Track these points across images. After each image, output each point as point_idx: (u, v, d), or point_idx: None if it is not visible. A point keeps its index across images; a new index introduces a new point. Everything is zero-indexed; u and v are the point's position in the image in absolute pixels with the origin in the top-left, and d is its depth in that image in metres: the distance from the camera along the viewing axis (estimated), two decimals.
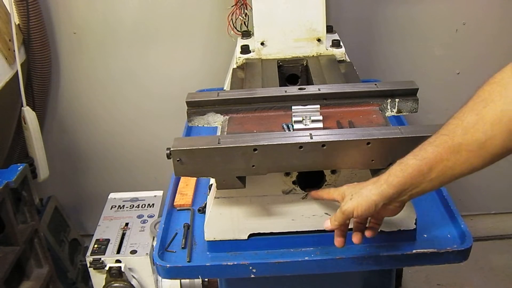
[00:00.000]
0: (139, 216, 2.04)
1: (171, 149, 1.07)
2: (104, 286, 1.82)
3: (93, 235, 1.96)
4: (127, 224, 2.00)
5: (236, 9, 1.92)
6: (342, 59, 1.67)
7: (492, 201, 2.75)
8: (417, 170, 0.96)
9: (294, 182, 1.19)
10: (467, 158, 0.93)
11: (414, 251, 1.21)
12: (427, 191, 0.99)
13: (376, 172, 1.11)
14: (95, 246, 1.89)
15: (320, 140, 1.06)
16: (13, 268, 1.65)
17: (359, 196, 1.01)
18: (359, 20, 2.29)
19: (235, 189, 1.12)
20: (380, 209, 1.02)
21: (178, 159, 1.07)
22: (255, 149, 1.06)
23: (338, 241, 1.10)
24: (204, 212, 1.39)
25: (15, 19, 2.11)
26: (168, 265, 1.23)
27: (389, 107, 1.28)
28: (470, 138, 0.92)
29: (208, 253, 1.27)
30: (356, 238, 1.10)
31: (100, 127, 2.51)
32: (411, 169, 0.97)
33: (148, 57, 2.34)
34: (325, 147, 1.06)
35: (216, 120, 1.29)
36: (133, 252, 1.85)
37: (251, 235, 1.25)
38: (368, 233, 1.11)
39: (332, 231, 1.10)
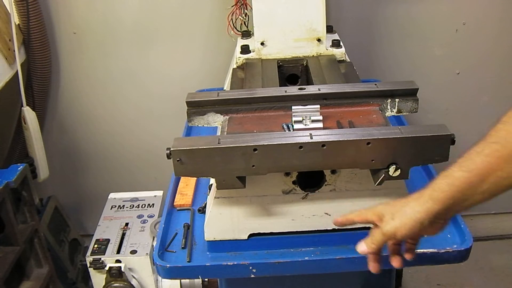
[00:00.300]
0: (139, 216, 2.04)
1: (171, 149, 1.07)
2: (104, 286, 1.82)
3: (93, 235, 1.96)
4: (127, 224, 2.00)
5: (236, 9, 1.92)
6: (342, 59, 1.67)
7: (492, 201, 2.74)
8: (466, 182, 0.89)
9: (294, 182, 1.19)
10: None
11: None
12: (477, 204, 0.92)
13: (376, 172, 1.11)
14: (95, 246, 1.89)
15: (320, 140, 1.06)
16: (13, 268, 1.65)
17: (402, 215, 0.93)
18: (359, 20, 2.29)
19: (235, 189, 1.12)
20: (423, 230, 0.94)
21: (178, 159, 1.07)
22: (255, 149, 1.06)
23: (374, 266, 1.02)
24: (204, 212, 1.39)
25: (15, 19, 2.11)
26: (168, 265, 1.23)
27: (389, 107, 1.28)
28: None
29: (208, 253, 1.27)
30: (396, 262, 1.02)
31: (100, 127, 2.51)
32: (458, 182, 0.89)
33: (148, 57, 2.34)
34: (325, 147, 1.06)
35: (216, 120, 1.29)
36: (133, 252, 1.85)
37: (251, 235, 1.25)
38: (408, 256, 1.04)
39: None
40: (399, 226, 0.93)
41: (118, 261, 1.83)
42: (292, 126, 1.17)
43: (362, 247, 0.99)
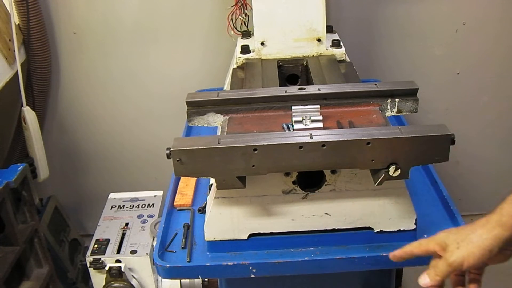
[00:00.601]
0: (139, 216, 2.04)
1: (171, 149, 1.07)
2: (104, 286, 1.82)
3: (93, 235, 1.96)
4: (127, 224, 2.00)
5: (236, 9, 1.92)
6: (342, 59, 1.67)
7: (492, 201, 2.74)
8: None
9: (294, 182, 1.19)
10: None
11: None
12: None
13: (376, 172, 1.11)
14: (95, 246, 1.89)
15: (320, 140, 1.06)
16: (13, 268, 1.65)
17: (468, 243, 0.87)
18: (359, 20, 2.29)
19: (235, 189, 1.12)
20: (492, 259, 0.89)
21: (178, 159, 1.07)
22: (255, 149, 1.06)
23: None
24: (204, 212, 1.39)
25: (15, 19, 2.11)
26: (168, 265, 1.23)
27: (389, 107, 1.28)
28: None
29: (208, 253, 1.27)
30: None
31: (100, 127, 2.51)
32: None
33: (148, 57, 2.34)
34: (325, 147, 1.06)
35: (216, 120, 1.29)
36: (133, 252, 1.85)
37: (251, 235, 1.25)
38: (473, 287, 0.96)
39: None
40: (466, 256, 0.87)
41: (118, 261, 1.83)
42: (292, 126, 1.17)
43: (425, 280, 0.92)
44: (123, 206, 2.11)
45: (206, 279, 1.82)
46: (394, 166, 1.07)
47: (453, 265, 0.88)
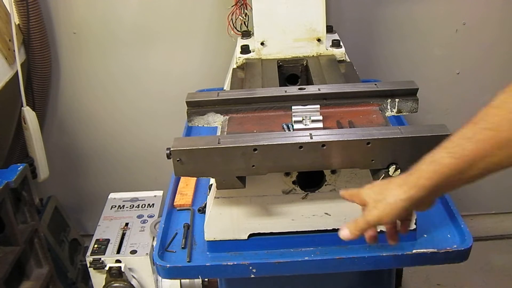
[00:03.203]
0: (139, 216, 2.04)
1: (171, 149, 1.07)
2: (104, 286, 1.82)
3: (93, 235, 1.96)
4: (127, 224, 2.00)
5: (236, 9, 1.92)
6: (342, 59, 1.67)
7: (492, 201, 2.75)
8: (455, 169, 0.86)
9: (294, 182, 1.19)
10: None
11: (414, 251, 1.21)
12: (463, 185, 0.90)
13: (376, 172, 1.11)
14: (95, 246, 1.89)
15: (320, 140, 1.06)
16: (13, 268, 1.65)
17: (385, 204, 0.91)
18: (359, 20, 2.29)
19: (235, 189, 1.12)
20: (408, 212, 0.93)
21: (178, 159, 1.07)
22: (255, 149, 1.06)
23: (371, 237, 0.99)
24: (204, 212, 1.39)
25: (15, 19, 2.11)
26: (168, 265, 1.23)
27: (389, 107, 1.28)
28: None
29: (208, 253, 1.27)
30: (393, 240, 1.02)
31: (100, 127, 2.51)
32: (447, 169, 0.86)
33: (148, 57, 2.34)
34: (325, 147, 1.06)
35: (216, 120, 1.29)
36: (133, 252, 1.85)
37: (251, 235, 1.25)
38: (403, 230, 1.03)
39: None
40: (382, 215, 0.92)
41: (118, 261, 1.83)
42: (292, 126, 1.17)
43: (345, 233, 0.97)
44: (123, 206, 2.11)
45: (206, 279, 1.82)
46: (394, 166, 1.07)
47: (370, 223, 0.94)
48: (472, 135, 0.86)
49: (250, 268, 1.21)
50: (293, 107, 1.20)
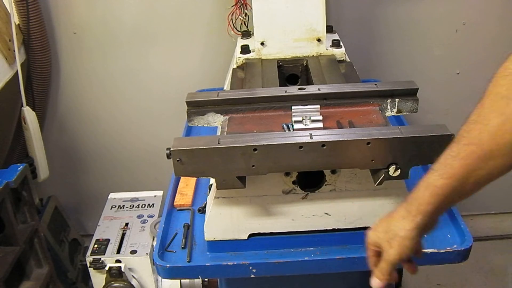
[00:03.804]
0: (139, 216, 2.04)
1: (171, 149, 1.07)
2: (104, 286, 1.82)
3: (93, 235, 1.96)
4: (127, 224, 2.00)
5: (236, 9, 1.92)
6: (342, 59, 1.67)
7: (492, 201, 2.75)
8: (450, 189, 0.88)
9: (294, 182, 1.19)
10: (503, 162, 0.85)
11: None
12: (463, 199, 0.92)
13: (376, 172, 1.11)
14: (95, 246, 1.89)
15: (320, 140, 1.06)
16: (13, 268, 1.65)
17: (398, 239, 0.93)
18: (359, 20, 2.29)
19: (235, 189, 1.12)
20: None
21: (178, 159, 1.07)
22: (255, 149, 1.06)
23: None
24: (204, 212, 1.39)
25: (15, 19, 2.11)
26: (168, 265, 1.23)
27: (389, 107, 1.28)
28: (501, 141, 0.83)
29: (208, 253, 1.27)
30: (413, 271, 1.02)
31: (100, 127, 2.51)
32: (441, 190, 0.89)
33: (148, 57, 2.34)
34: (325, 147, 1.06)
35: (216, 120, 1.29)
36: (133, 252, 1.85)
37: (251, 235, 1.25)
38: (418, 256, 1.03)
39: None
40: (401, 251, 0.93)
41: (118, 261, 1.83)
42: (292, 126, 1.17)
43: (377, 283, 0.98)
44: (123, 206, 2.11)
45: (206, 279, 1.82)
46: (394, 166, 1.07)
47: (393, 262, 0.95)
48: (457, 153, 0.87)
49: (250, 268, 1.21)
50: (293, 107, 1.20)
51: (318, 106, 1.20)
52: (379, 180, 1.10)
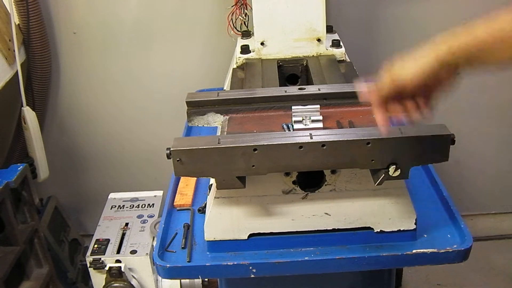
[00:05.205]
0: (139, 216, 2.04)
1: (171, 149, 1.07)
2: (104, 286, 1.82)
3: (93, 235, 1.96)
4: (127, 224, 2.00)
5: (236, 9, 1.92)
6: (342, 59, 1.67)
7: (492, 201, 2.75)
8: (488, 37, 0.86)
9: (294, 182, 1.19)
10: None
11: (414, 251, 1.21)
12: (487, 66, 0.88)
13: (376, 172, 1.11)
14: (95, 246, 1.89)
15: (320, 140, 1.06)
16: (13, 268, 1.65)
17: (412, 61, 0.89)
18: (359, 20, 2.29)
19: (235, 189, 1.12)
20: (434, 80, 0.89)
21: (178, 159, 1.07)
22: (255, 149, 1.06)
23: (382, 120, 0.94)
24: (204, 212, 1.39)
25: (15, 19, 2.11)
26: (168, 265, 1.23)
27: None
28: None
29: (208, 253, 1.27)
30: (416, 114, 0.96)
31: (100, 127, 2.51)
32: (480, 34, 0.87)
33: (148, 57, 2.34)
34: (325, 147, 1.06)
35: (216, 120, 1.29)
36: (133, 252, 1.85)
37: (251, 235, 1.25)
38: (427, 111, 0.98)
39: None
40: (414, 72, 0.89)
41: (118, 261, 1.83)
42: (292, 126, 1.17)
43: (363, 86, 0.94)
44: (123, 206, 2.11)
45: (206, 279, 1.82)
46: (394, 166, 1.07)
47: (398, 80, 0.91)
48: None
49: (250, 268, 1.21)
50: (293, 107, 1.20)
51: (318, 106, 1.20)
52: (379, 180, 1.10)
